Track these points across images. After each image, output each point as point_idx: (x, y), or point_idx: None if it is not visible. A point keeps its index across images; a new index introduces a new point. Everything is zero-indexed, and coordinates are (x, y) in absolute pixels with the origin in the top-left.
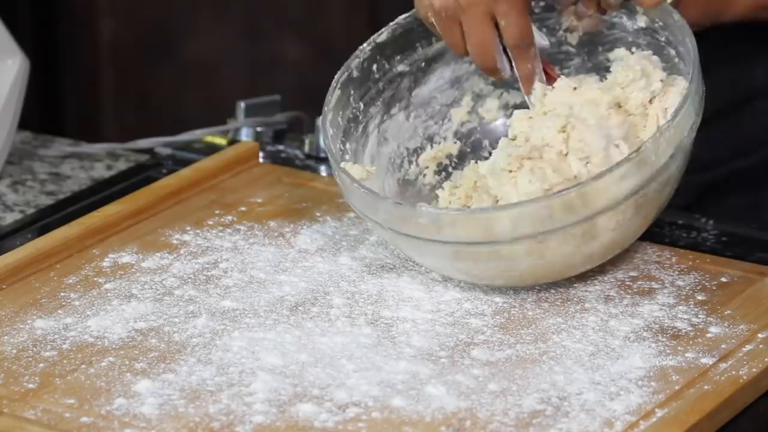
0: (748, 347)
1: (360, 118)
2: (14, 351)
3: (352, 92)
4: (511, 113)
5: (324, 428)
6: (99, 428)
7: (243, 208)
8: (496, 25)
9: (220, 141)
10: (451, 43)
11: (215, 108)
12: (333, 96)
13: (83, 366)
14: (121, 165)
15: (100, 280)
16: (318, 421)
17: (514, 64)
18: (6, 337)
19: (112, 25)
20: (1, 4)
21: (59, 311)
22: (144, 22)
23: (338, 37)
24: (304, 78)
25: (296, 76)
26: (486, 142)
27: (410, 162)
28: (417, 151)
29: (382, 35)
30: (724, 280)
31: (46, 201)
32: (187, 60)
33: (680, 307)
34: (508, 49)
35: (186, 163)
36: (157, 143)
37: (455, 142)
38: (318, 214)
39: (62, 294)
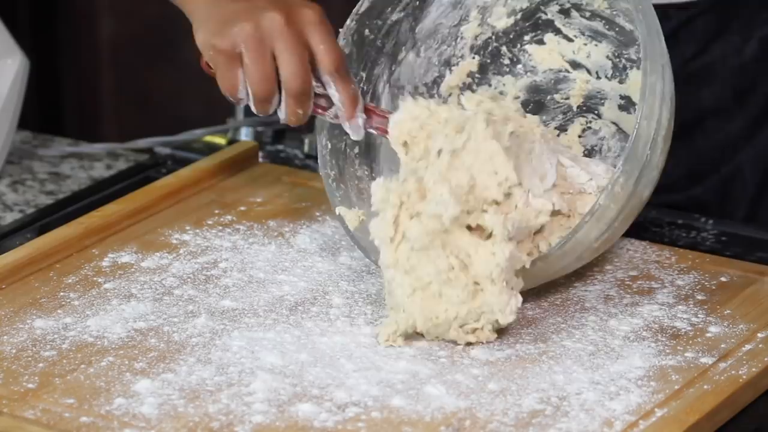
0: (748, 347)
1: (365, 88)
2: (14, 351)
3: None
4: (521, 17)
5: (324, 428)
6: (98, 428)
7: (242, 208)
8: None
9: (220, 141)
10: (253, 76)
11: (215, 108)
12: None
13: (83, 366)
14: (121, 165)
15: (100, 280)
16: (318, 420)
17: (335, 89)
18: (6, 337)
19: (112, 25)
20: (1, 4)
21: (59, 311)
22: (144, 22)
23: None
24: None
25: None
26: (504, 49)
27: (431, 96)
28: (437, 82)
29: (364, 4)
30: (723, 279)
31: (46, 201)
32: (187, 60)
33: (680, 307)
34: (325, 77)
35: (185, 162)
36: (157, 143)
37: (473, 57)
38: (318, 214)
39: (62, 294)
